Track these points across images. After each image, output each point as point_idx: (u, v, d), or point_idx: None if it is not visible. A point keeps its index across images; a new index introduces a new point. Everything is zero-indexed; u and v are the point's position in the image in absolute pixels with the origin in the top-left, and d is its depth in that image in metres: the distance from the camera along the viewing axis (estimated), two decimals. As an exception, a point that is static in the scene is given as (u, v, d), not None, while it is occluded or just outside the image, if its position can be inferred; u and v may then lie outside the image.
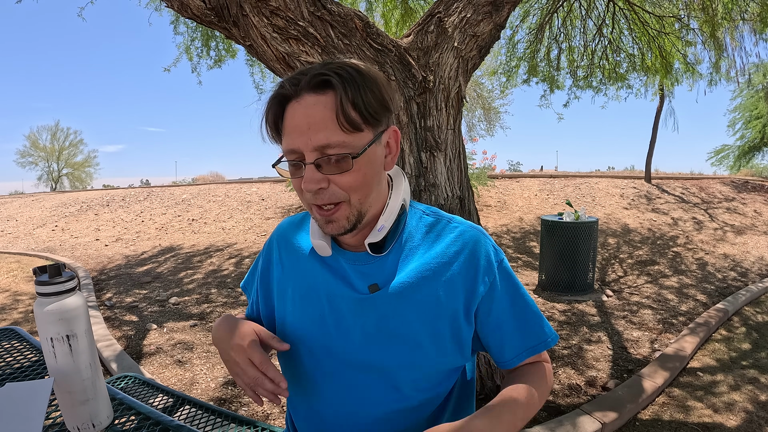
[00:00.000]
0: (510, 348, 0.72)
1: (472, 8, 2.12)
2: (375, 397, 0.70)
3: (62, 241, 7.91)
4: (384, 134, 0.65)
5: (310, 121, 0.59)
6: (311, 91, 0.60)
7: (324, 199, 0.62)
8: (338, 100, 0.59)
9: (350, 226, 0.64)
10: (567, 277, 4.13)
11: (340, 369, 0.71)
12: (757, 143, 13.04)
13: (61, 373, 0.65)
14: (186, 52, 5.16)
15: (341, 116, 0.58)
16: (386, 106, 0.63)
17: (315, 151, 0.59)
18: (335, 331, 0.70)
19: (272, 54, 1.90)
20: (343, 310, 0.69)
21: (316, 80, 0.59)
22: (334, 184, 0.61)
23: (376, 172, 0.65)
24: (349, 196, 0.63)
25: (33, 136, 31.37)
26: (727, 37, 5.18)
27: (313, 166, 0.60)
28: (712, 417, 2.23)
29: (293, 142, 0.61)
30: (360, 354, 0.69)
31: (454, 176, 2.12)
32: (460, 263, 0.68)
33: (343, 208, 0.63)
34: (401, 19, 4.67)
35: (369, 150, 0.62)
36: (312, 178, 0.60)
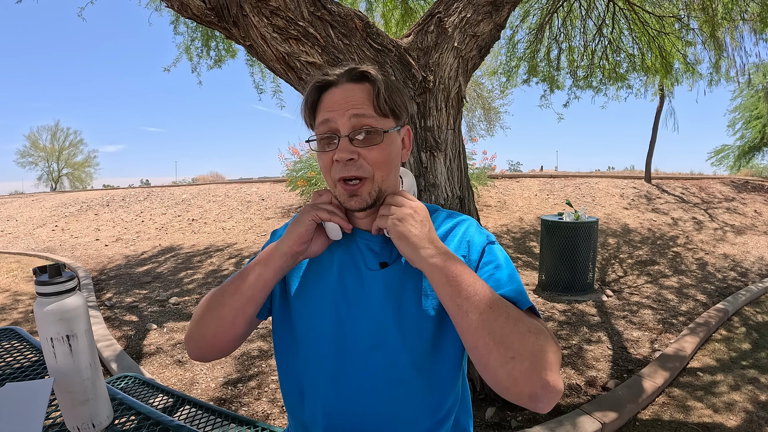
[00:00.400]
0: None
1: (472, 8, 2.12)
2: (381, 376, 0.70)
3: (62, 241, 7.91)
4: (402, 129, 0.76)
5: (349, 100, 0.69)
6: (351, 81, 0.71)
7: (352, 171, 0.69)
8: (375, 89, 0.70)
9: (371, 201, 0.71)
10: (567, 277, 4.13)
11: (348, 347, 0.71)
12: (757, 143, 13.05)
13: (61, 373, 0.65)
14: (186, 52, 5.15)
15: (376, 101, 0.69)
16: (406, 107, 0.75)
17: (350, 121, 0.68)
18: (345, 310, 0.72)
19: (272, 54, 1.90)
20: (354, 285, 0.73)
21: (355, 72, 0.71)
22: (363, 159, 0.69)
23: (396, 155, 0.74)
24: (373, 172, 0.70)
25: (33, 136, 31.40)
26: (727, 37, 5.18)
27: (347, 138, 0.68)
28: (712, 417, 2.23)
29: (330, 115, 0.69)
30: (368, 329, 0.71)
31: (454, 176, 2.12)
32: (456, 241, 0.75)
33: (366, 184, 0.70)
34: (401, 19, 4.67)
35: (393, 133, 0.72)
36: (345, 148, 0.68)
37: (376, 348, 0.70)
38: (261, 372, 2.73)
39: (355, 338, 0.71)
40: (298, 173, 7.93)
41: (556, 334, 3.24)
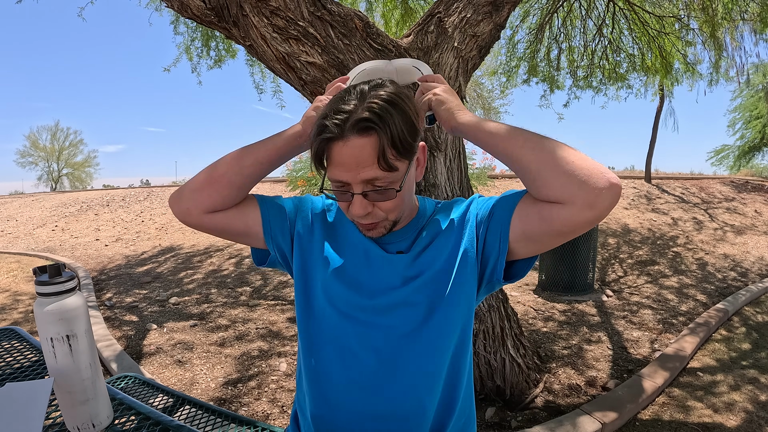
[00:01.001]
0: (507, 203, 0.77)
1: (472, 8, 2.12)
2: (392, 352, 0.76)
3: (62, 241, 7.91)
4: (415, 159, 0.76)
5: (358, 160, 0.68)
6: (356, 134, 0.67)
7: (367, 220, 0.74)
8: (380, 145, 0.67)
9: (387, 232, 0.78)
10: (567, 277, 4.13)
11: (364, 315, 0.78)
12: (757, 143, 13.05)
13: (61, 373, 0.65)
14: (186, 52, 5.15)
15: (383, 161, 0.68)
16: (415, 133, 0.72)
17: (362, 183, 0.70)
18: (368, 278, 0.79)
19: (272, 54, 1.90)
20: (377, 263, 0.80)
21: (360, 126, 0.67)
22: (377, 208, 0.74)
23: (410, 189, 0.78)
24: (387, 215, 0.75)
25: (33, 136, 31.41)
26: (727, 37, 5.18)
27: (360, 196, 0.71)
28: (712, 417, 2.23)
29: (341, 175, 0.70)
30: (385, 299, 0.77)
31: (454, 176, 2.12)
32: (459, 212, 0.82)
33: (382, 223, 0.76)
34: (401, 19, 4.67)
35: (407, 178, 0.74)
36: (360, 205, 0.71)
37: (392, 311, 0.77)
38: (261, 372, 2.73)
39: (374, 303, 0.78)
40: (298, 173, 7.93)
41: (556, 335, 3.24)
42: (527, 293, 4.24)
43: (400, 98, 0.70)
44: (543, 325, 3.41)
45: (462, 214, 0.81)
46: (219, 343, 3.19)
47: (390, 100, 0.68)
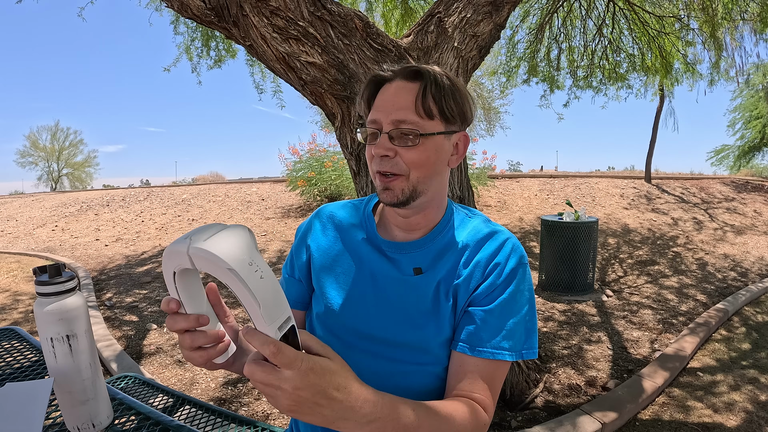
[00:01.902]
0: (472, 335, 0.71)
1: (472, 8, 2.12)
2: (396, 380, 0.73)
3: (62, 241, 7.91)
4: (455, 135, 0.74)
5: (396, 100, 0.70)
6: (404, 78, 0.71)
7: (386, 166, 0.70)
8: (421, 89, 0.69)
9: (404, 198, 0.71)
10: (567, 277, 4.13)
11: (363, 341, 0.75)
12: (757, 143, 13.06)
13: (61, 373, 0.65)
14: (186, 52, 5.15)
15: (419, 102, 0.68)
16: (463, 112, 0.73)
17: (392, 123, 0.69)
18: (374, 309, 0.75)
19: (272, 54, 1.90)
20: (388, 289, 0.75)
21: (409, 69, 0.71)
22: (399, 157, 0.70)
23: (439, 160, 0.73)
24: (409, 171, 0.70)
25: (33, 136, 31.43)
26: (727, 37, 5.18)
27: (386, 135, 0.70)
28: (712, 417, 2.23)
29: (377, 115, 0.71)
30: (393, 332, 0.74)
31: (454, 176, 2.12)
32: (486, 255, 0.74)
33: (400, 180, 0.71)
34: (401, 19, 4.67)
35: (437, 137, 0.71)
36: (383, 144, 0.70)
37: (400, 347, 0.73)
38: (261, 372, 2.73)
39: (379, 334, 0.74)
40: (298, 173, 7.94)
41: (556, 335, 3.24)
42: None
43: (458, 83, 0.73)
44: (543, 325, 3.41)
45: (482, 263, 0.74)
46: (219, 343, 3.19)
47: (446, 75, 0.72)
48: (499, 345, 0.70)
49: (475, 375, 0.70)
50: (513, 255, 0.75)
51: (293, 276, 0.85)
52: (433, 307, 0.73)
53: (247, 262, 0.47)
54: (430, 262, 0.76)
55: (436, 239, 0.77)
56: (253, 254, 0.49)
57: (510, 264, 0.74)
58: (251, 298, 0.47)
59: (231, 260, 0.46)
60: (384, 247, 0.78)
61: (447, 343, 0.73)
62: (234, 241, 0.49)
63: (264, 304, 0.47)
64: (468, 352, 0.70)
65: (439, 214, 0.79)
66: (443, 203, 0.79)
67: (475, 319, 0.71)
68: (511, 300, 0.72)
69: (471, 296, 0.73)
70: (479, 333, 0.70)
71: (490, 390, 0.71)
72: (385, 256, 0.78)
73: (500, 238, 0.76)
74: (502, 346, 0.70)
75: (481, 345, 0.69)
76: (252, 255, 0.49)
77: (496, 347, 0.69)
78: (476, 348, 0.70)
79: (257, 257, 0.49)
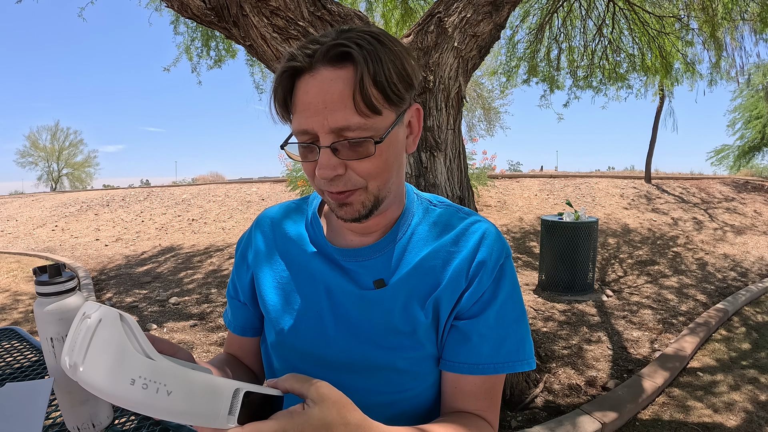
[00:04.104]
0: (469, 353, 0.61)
1: (472, 8, 2.12)
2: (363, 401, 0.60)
3: (62, 241, 7.91)
4: (406, 113, 0.58)
5: (327, 99, 0.51)
6: (328, 65, 0.52)
7: (339, 186, 0.55)
8: (358, 77, 0.51)
9: (365, 212, 0.58)
10: (567, 277, 4.13)
11: (327, 371, 0.64)
12: (757, 143, 13.06)
13: (61, 373, 0.65)
14: (186, 52, 5.16)
15: (359, 98, 0.51)
16: (410, 83, 0.55)
17: (331, 133, 0.52)
18: (333, 330, 0.63)
19: (272, 54, 1.90)
20: (346, 306, 0.63)
21: (333, 52, 0.51)
22: (352, 170, 0.54)
23: (397, 155, 0.58)
24: (366, 183, 0.56)
25: (33, 136, 31.42)
26: (727, 37, 5.18)
27: (329, 150, 0.52)
28: (712, 417, 2.23)
29: (306, 122, 0.53)
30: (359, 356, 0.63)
31: (454, 176, 2.12)
32: (465, 255, 0.63)
33: (358, 193, 0.56)
34: (401, 19, 4.68)
35: (392, 133, 0.55)
36: (328, 164, 0.53)
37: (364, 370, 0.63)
38: (261, 372, 2.73)
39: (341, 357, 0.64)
40: (298, 173, 7.94)
41: (556, 335, 3.24)
42: (527, 293, 4.24)
43: (387, 37, 0.54)
44: (543, 325, 3.41)
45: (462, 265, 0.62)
46: (219, 343, 3.19)
47: (377, 36, 0.53)
48: (499, 358, 0.61)
49: (476, 393, 0.61)
50: (496, 248, 0.63)
51: (237, 299, 0.74)
52: (405, 324, 0.61)
53: (139, 384, 0.36)
54: (393, 269, 0.63)
55: (397, 239, 0.64)
56: (135, 365, 0.36)
57: (497, 260, 0.62)
58: (177, 416, 0.37)
59: (115, 392, 0.35)
60: (337, 256, 0.64)
61: (430, 360, 0.64)
62: (108, 357, 0.36)
63: (193, 412, 0.37)
64: (466, 372, 0.61)
65: (399, 207, 0.66)
66: (403, 195, 0.67)
67: (468, 334, 0.61)
68: (506, 303, 0.62)
69: (456, 307, 0.62)
70: (476, 349, 0.60)
71: (493, 402, 0.63)
72: (339, 268, 0.64)
73: (478, 229, 0.64)
74: (503, 359, 0.61)
75: (480, 361, 0.60)
76: (135, 367, 0.36)
77: (497, 361, 0.61)
78: (475, 366, 0.60)
79: (141, 365, 0.36)
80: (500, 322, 0.62)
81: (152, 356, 0.38)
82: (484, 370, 0.60)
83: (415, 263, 0.63)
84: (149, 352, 0.38)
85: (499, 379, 0.63)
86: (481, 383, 0.61)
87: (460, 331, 0.62)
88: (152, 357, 0.38)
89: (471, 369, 0.61)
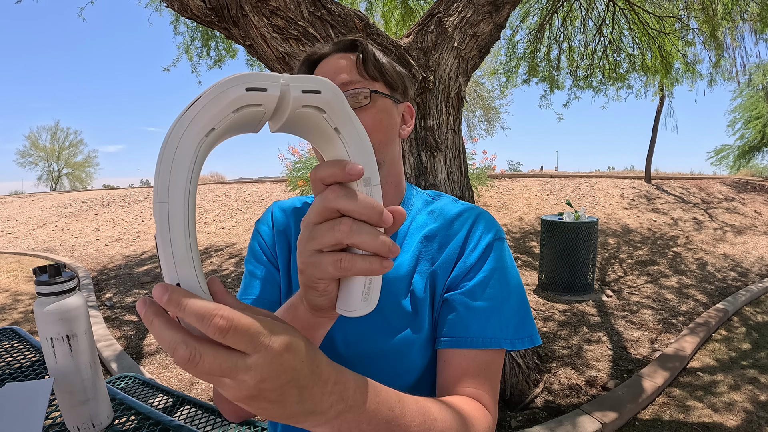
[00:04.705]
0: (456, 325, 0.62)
1: (472, 8, 2.12)
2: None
3: (62, 241, 7.91)
4: (401, 105, 0.71)
5: (337, 68, 0.67)
6: (340, 50, 0.69)
7: None
8: (361, 56, 0.67)
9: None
10: (567, 277, 4.13)
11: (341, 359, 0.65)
12: (757, 143, 13.07)
13: (61, 373, 0.65)
14: (186, 52, 5.16)
15: (361, 65, 0.66)
16: (403, 82, 0.71)
17: (338, 86, 0.63)
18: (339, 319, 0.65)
19: (272, 54, 1.90)
20: None
21: (345, 42, 0.69)
22: None
23: (391, 125, 0.69)
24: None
25: (33, 136, 31.42)
26: (727, 37, 5.18)
27: None
28: (712, 417, 2.23)
29: None
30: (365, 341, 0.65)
31: (454, 176, 2.12)
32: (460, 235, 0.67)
33: None
34: (401, 19, 4.68)
35: (386, 99, 0.68)
36: None
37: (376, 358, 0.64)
38: (261, 372, 2.73)
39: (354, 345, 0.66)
40: (298, 173, 7.93)
41: (556, 334, 3.24)
42: (527, 293, 4.23)
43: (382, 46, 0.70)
44: (543, 325, 3.41)
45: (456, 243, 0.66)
46: (219, 343, 3.19)
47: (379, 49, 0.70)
48: (489, 331, 0.60)
49: (468, 370, 0.60)
50: (487, 229, 0.67)
51: (271, 262, 0.72)
52: (410, 303, 0.65)
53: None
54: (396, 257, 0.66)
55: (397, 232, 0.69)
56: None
57: (485, 238, 0.66)
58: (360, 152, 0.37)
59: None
60: None
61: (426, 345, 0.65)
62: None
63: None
64: (455, 346, 0.60)
65: (398, 195, 0.72)
66: (401, 183, 0.73)
67: (456, 306, 0.62)
68: (493, 277, 0.63)
69: (447, 281, 0.65)
70: (463, 321, 0.61)
71: (488, 385, 0.60)
72: None
73: (472, 213, 0.69)
74: (494, 333, 0.60)
75: (469, 334, 0.60)
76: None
77: (486, 335, 0.60)
78: (463, 338, 0.60)
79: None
80: (488, 298, 0.62)
81: None
82: (472, 343, 0.60)
83: (414, 247, 0.68)
84: None
85: (493, 359, 0.61)
86: (472, 358, 0.60)
87: (449, 304, 0.64)
88: None
89: (459, 342, 0.60)
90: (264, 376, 0.31)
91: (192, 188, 0.31)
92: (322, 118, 0.35)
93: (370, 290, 0.38)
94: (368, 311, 0.38)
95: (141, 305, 0.31)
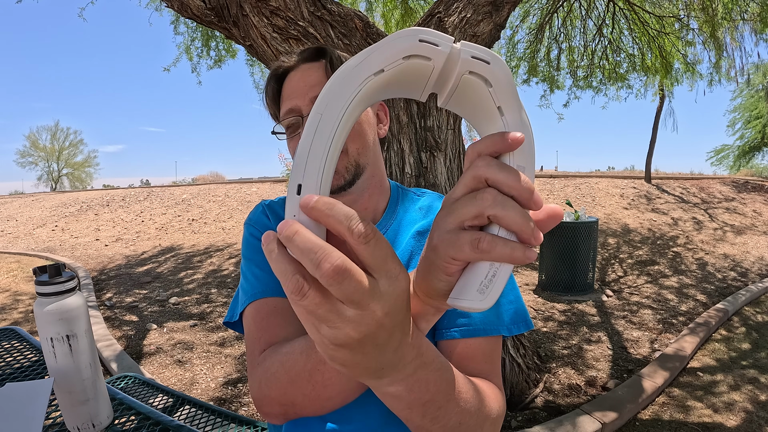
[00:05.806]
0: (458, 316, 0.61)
1: (472, 8, 2.12)
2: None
3: (62, 241, 7.91)
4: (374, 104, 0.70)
5: (308, 82, 0.66)
6: (307, 61, 0.68)
7: None
8: (328, 63, 0.67)
9: (350, 177, 0.66)
10: (567, 277, 4.13)
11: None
12: (757, 143, 13.08)
13: (61, 373, 0.65)
14: (186, 52, 5.16)
15: (330, 71, 0.66)
16: None
17: (311, 102, 0.64)
18: None
19: (272, 54, 1.90)
20: None
21: (309, 52, 0.69)
22: None
23: (370, 128, 0.69)
24: (346, 146, 0.64)
25: (33, 136, 31.46)
26: (727, 37, 5.18)
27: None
28: (712, 417, 2.23)
29: (292, 102, 0.66)
30: None
31: (454, 176, 2.12)
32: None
33: (340, 158, 0.63)
34: (401, 19, 4.68)
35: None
36: None
37: None
38: (261, 372, 2.73)
39: None
40: (298, 173, 7.92)
41: (556, 334, 3.24)
42: (527, 293, 4.24)
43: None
44: (543, 325, 3.41)
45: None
46: (219, 343, 3.19)
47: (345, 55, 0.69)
48: (489, 320, 0.61)
49: (474, 357, 0.60)
50: None
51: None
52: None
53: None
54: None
55: (387, 226, 0.70)
56: None
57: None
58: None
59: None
60: None
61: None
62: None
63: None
64: (458, 336, 0.60)
65: (384, 195, 0.73)
66: (385, 182, 0.74)
67: None
68: None
69: None
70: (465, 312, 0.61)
71: (495, 369, 0.61)
72: None
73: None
74: (494, 321, 0.61)
75: (471, 324, 0.61)
76: None
77: (487, 323, 0.61)
78: (466, 328, 0.60)
79: None
80: None
81: None
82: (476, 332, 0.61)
83: (406, 243, 0.68)
84: None
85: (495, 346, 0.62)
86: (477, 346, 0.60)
87: None
88: None
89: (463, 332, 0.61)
90: (389, 309, 0.29)
91: (347, 115, 0.32)
92: (487, 92, 0.33)
93: (492, 283, 0.33)
94: (483, 307, 0.33)
95: (265, 238, 0.29)
